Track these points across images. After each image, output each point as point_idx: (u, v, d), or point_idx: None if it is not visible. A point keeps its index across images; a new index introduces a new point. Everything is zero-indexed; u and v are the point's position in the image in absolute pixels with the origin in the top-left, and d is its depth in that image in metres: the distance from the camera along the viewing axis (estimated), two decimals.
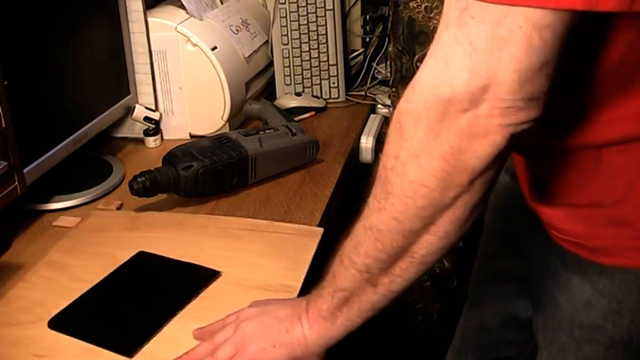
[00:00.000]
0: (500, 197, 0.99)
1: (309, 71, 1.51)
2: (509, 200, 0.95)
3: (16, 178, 0.93)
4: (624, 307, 0.75)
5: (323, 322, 0.72)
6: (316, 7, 1.49)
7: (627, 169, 0.69)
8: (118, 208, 1.09)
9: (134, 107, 1.29)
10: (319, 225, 1.03)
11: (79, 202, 1.10)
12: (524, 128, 0.57)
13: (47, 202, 1.09)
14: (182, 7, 1.32)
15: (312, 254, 0.92)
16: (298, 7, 1.49)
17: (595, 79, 0.64)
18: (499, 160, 0.59)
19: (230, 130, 1.32)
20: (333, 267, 0.72)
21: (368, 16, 1.64)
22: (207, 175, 1.06)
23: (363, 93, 1.58)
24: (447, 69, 0.57)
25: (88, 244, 0.97)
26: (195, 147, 1.09)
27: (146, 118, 1.30)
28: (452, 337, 1.14)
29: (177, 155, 1.07)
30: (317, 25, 1.50)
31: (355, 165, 1.41)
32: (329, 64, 1.51)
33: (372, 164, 1.49)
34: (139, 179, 1.02)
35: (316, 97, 1.52)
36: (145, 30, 1.27)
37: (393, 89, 1.48)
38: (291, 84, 1.51)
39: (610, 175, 0.69)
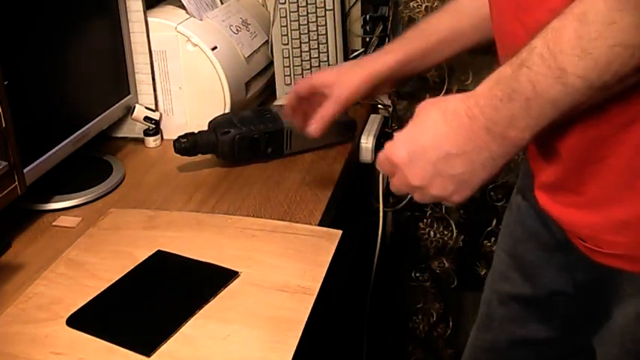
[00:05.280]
0: (510, 218, 0.98)
1: (309, 71, 1.50)
2: (518, 222, 0.95)
3: (16, 178, 0.93)
4: None
5: None
6: (316, 7, 1.49)
7: None
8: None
9: (134, 107, 1.29)
10: (319, 225, 1.03)
11: (79, 202, 1.10)
12: None
13: (47, 202, 1.09)
14: (182, 7, 1.32)
15: (331, 256, 0.92)
16: (298, 7, 1.49)
17: None
18: None
19: None
20: None
21: (368, 16, 1.64)
22: (243, 141, 1.19)
23: None
24: None
25: (106, 243, 0.97)
26: (237, 116, 1.22)
27: (146, 118, 1.30)
28: (452, 337, 1.13)
29: (219, 122, 1.20)
30: (317, 25, 1.50)
31: (355, 165, 1.41)
32: (329, 64, 1.51)
33: (372, 164, 1.49)
34: (182, 139, 1.16)
35: None
36: (145, 30, 1.27)
37: (393, 89, 1.48)
38: (291, 84, 1.51)
39: None
